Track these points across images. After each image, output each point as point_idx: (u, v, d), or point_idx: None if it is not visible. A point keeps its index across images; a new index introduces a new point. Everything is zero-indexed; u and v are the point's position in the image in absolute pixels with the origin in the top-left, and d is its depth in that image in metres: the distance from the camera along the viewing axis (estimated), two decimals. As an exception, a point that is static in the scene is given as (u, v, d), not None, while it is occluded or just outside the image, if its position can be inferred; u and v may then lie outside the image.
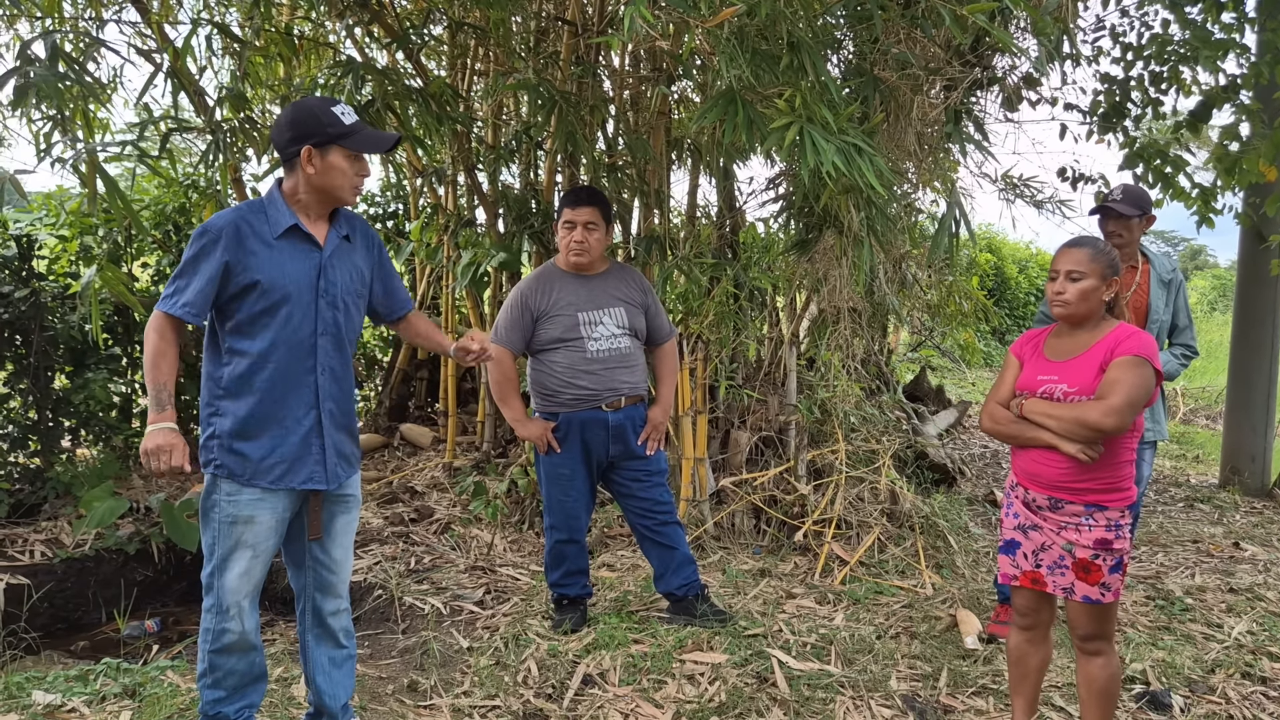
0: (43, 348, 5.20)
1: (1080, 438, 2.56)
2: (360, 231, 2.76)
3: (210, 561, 2.60)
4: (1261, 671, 3.55)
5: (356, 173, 2.61)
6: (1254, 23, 5.70)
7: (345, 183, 2.59)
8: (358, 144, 2.57)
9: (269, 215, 2.58)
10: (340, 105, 2.58)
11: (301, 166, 2.55)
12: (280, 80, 5.55)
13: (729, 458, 5.18)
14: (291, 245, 2.58)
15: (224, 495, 2.57)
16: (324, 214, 2.65)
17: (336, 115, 2.54)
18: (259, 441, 2.56)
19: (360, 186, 2.68)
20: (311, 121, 2.53)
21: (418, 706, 3.22)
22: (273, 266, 2.53)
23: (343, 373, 2.70)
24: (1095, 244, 2.69)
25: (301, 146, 2.53)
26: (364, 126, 2.61)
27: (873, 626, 3.89)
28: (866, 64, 3.81)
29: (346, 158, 2.57)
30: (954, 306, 6.65)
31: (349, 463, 2.75)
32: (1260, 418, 6.74)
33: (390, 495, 5.82)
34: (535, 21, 5.53)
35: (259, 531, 2.59)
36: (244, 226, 2.53)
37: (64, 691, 3.18)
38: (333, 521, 2.74)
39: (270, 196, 2.62)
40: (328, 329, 2.62)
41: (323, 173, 2.56)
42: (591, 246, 3.69)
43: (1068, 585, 2.66)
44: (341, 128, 2.54)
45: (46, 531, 4.86)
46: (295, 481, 2.60)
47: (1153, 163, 5.80)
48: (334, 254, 2.65)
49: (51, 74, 3.65)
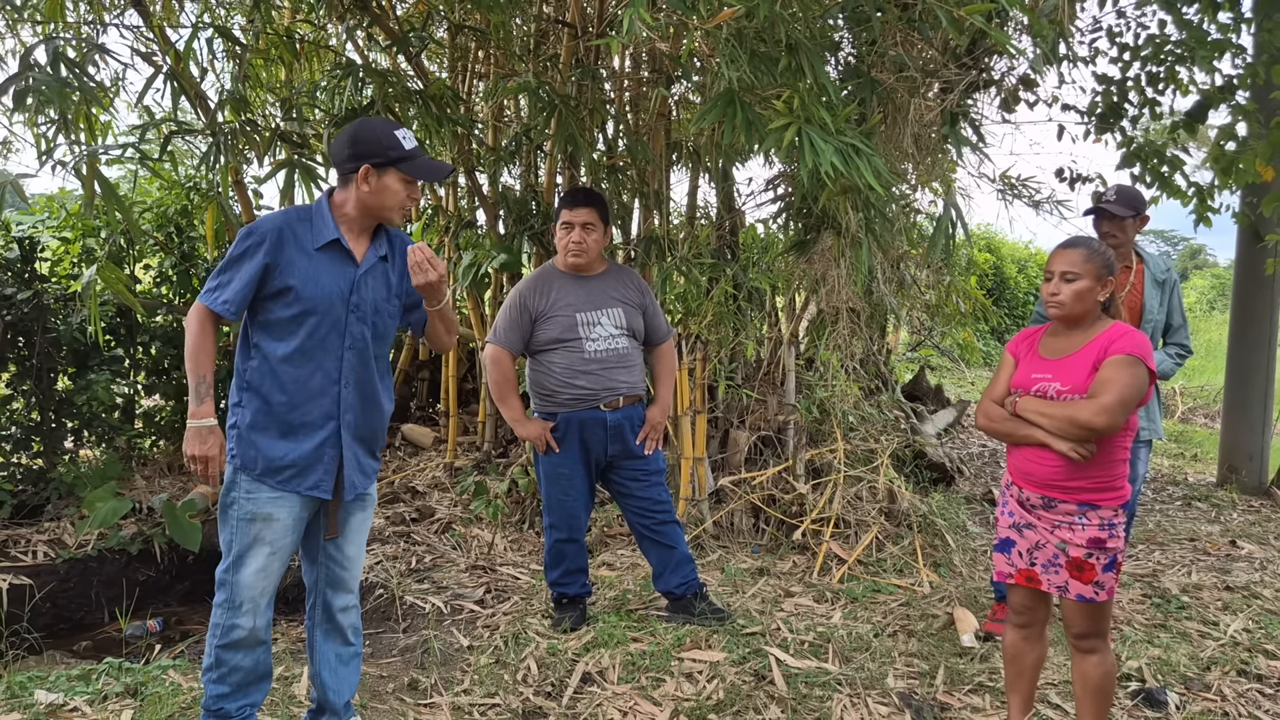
0: (45, 349, 5.23)
1: (1072, 436, 2.58)
2: (400, 251, 2.79)
3: (227, 557, 2.63)
4: (1257, 669, 3.57)
5: (408, 195, 2.68)
6: (1250, 23, 5.71)
7: (396, 204, 2.66)
8: (415, 169, 2.64)
9: (314, 225, 2.64)
10: (402, 130, 2.65)
11: (357, 183, 2.62)
12: (281, 83, 5.58)
13: (728, 457, 5.20)
14: (329, 258, 2.63)
15: (243, 492, 2.61)
16: (367, 230, 2.71)
17: (398, 139, 2.62)
18: (274, 441, 2.60)
19: (409, 210, 2.75)
20: (373, 142, 2.61)
21: (418, 705, 3.24)
22: (308, 276, 2.59)
23: (370, 388, 2.74)
24: (1090, 244, 2.70)
25: (361, 164, 2.60)
26: (423, 154, 2.68)
27: (870, 625, 3.91)
28: (864, 66, 3.83)
29: (402, 181, 2.64)
30: (952, 307, 6.67)
31: (366, 475, 2.79)
32: (1258, 416, 6.76)
33: (392, 495, 5.85)
34: (535, 24, 5.56)
35: (277, 529, 2.62)
36: (287, 232, 2.60)
37: (66, 691, 3.20)
38: (348, 520, 2.78)
39: (318, 207, 2.68)
40: (355, 343, 2.67)
41: (376, 192, 2.62)
42: (589, 247, 3.71)
43: (1062, 583, 2.68)
44: (402, 151, 2.62)
45: (49, 532, 4.89)
46: (302, 487, 2.63)
47: (1150, 163, 5.81)
48: (369, 271, 2.69)
49: (53, 79, 3.67)
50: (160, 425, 6.07)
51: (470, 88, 6.11)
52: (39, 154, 3.99)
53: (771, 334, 5.51)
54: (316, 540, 2.78)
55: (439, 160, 2.79)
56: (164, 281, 6.04)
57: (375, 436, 2.80)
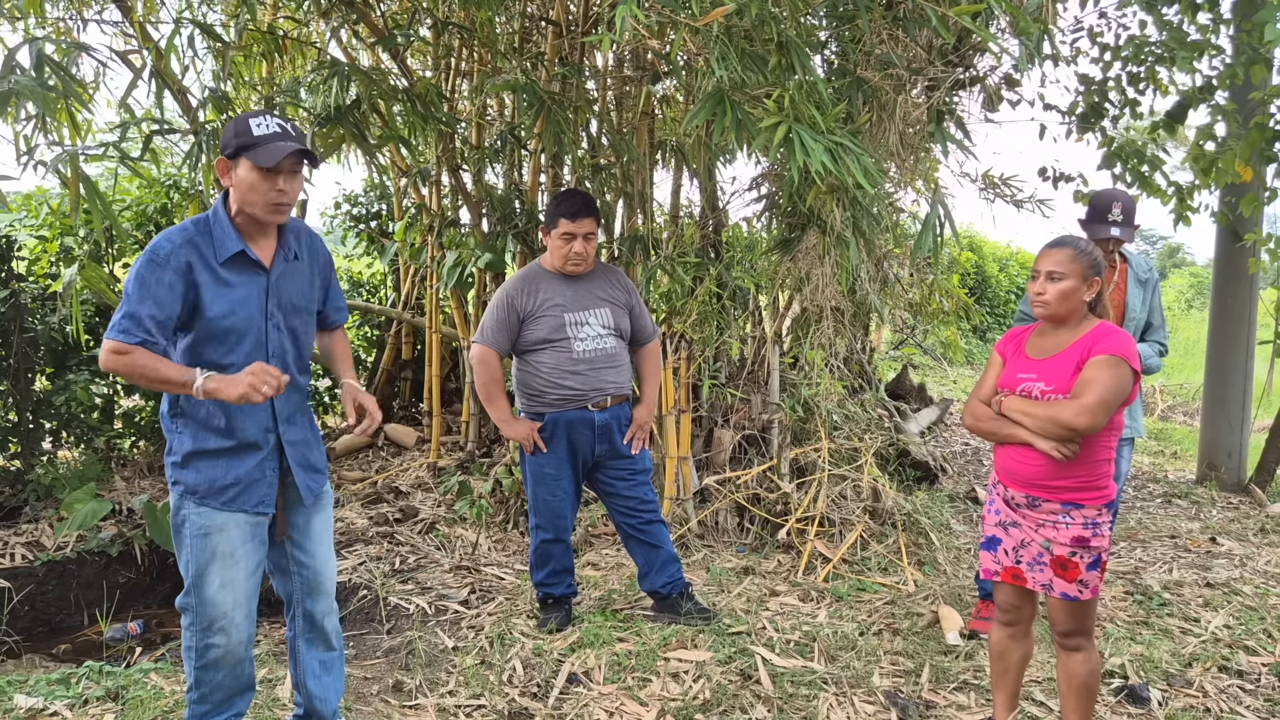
0: (23, 349, 5.17)
1: (1055, 436, 2.59)
2: (307, 246, 2.64)
3: (188, 578, 2.52)
4: (1238, 665, 3.61)
5: (270, 187, 2.39)
6: (1229, 24, 5.76)
7: (258, 200, 2.40)
8: (258, 156, 2.35)
9: (214, 237, 2.43)
10: (262, 116, 2.39)
11: (227, 183, 2.42)
12: (263, 80, 5.54)
13: (713, 456, 5.20)
14: (237, 272, 2.45)
15: (192, 510, 2.49)
16: (267, 231, 2.51)
17: (249, 125, 2.37)
18: (215, 461, 2.49)
19: (281, 205, 2.43)
20: (228, 133, 2.39)
21: (403, 706, 3.23)
22: (219, 297, 2.41)
23: (297, 387, 2.62)
24: (1077, 244, 2.71)
25: (219, 157, 2.42)
26: (279, 137, 2.38)
27: (855, 623, 3.92)
28: (850, 64, 3.84)
29: (254, 170, 2.37)
30: (935, 305, 6.70)
31: (318, 472, 2.70)
32: (1236, 414, 6.82)
33: (375, 495, 5.82)
34: (519, 21, 5.54)
35: (234, 539, 2.51)
36: (190, 253, 2.39)
37: (46, 695, 3.16)
38: (310, 523, 2.70)
39: (216, 215, 2.46)
40: (277, 352, 2.54)
41: (236, 187, 2.41)
42: (589, 256, 3.71)
43: (1047, 581, 2.69)
44: (249, 138, 2.35)
45: (27, 534, 4.84)
46: (248, 505, 2.52)
47: (1130, 162, 5.85)
48: (281, 276, 2.53)
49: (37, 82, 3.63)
50: (140, 425, 6.01)
51: (454, 86, 6.08)
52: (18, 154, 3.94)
53: (756, 333, 5.51)
54: (282, 550, 2.69)
55: (290, 140, 2.40)
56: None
57: (313, 432, 2.70)
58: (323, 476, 2.74)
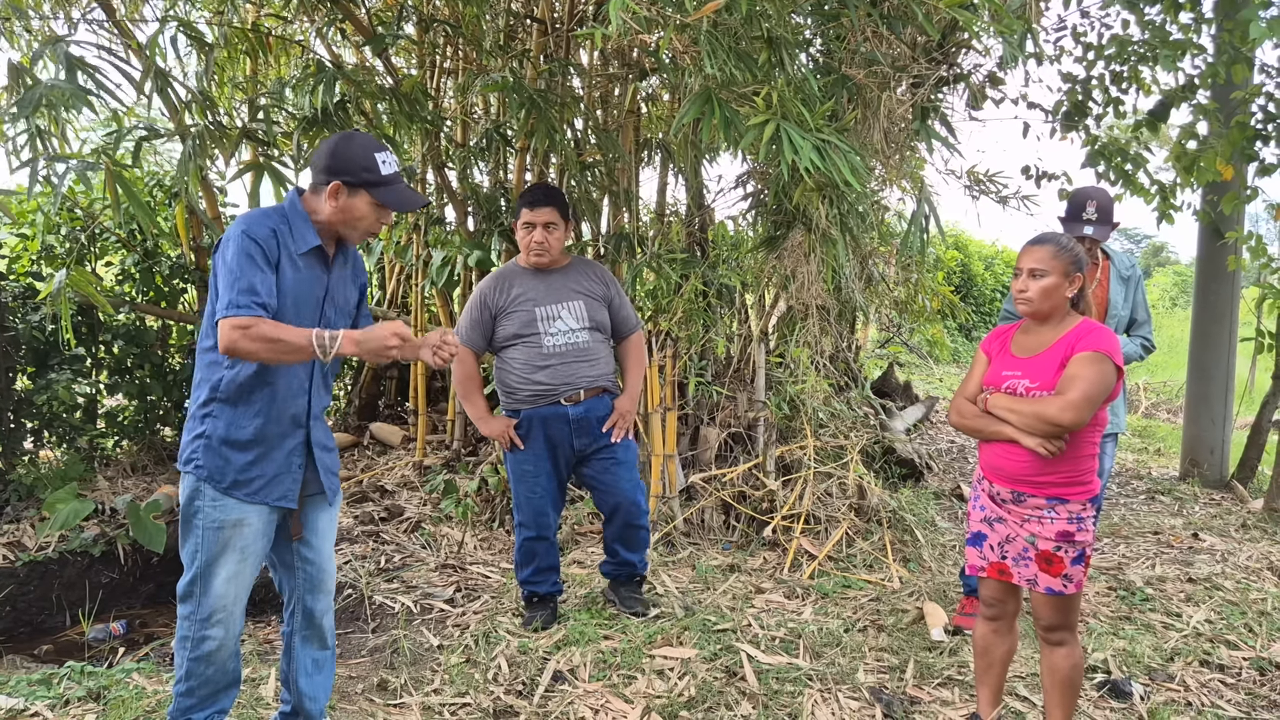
0: (4, 348, 5.12)
1: (1040, 432, 2.60)
2: (354, 261, 2.77)
3: (191, 568, 2.54)
4: (1219, 659, 3.63)
5: (377, 219, 2.59)
6: (1211, 23, 5.80)
7: (362, 227, 2.59)
8: (385, 197, 2.55)
9: (293, 228, 2.54)
10: (385, 154, 2.56)
11: (326, 196, 2.54)
12: (247, 79, 5.51)
13: (698, 454, 5.21)
14: (308, 266, 2.56)
15: (208, 501, 2.51)
16: (333, 237, 2.65)
17: (376, 162, 2.53)
18: (247, 452, 2.52)
19: (374, 234, 2.68)
20: (349, 160, 2.52)
21: (388, 705, 3.21)
22: (293, 282, 2.51)
23: (326, 391, 2.72)
24: (1059, 241, 2.72)
25: (332, 180, 2.52)
26: (400, 181, 2.59)
27: (841, 620, 3.92)
28: (835, 62, 3.84)
29: (371, 205, 2.55)
30: (919, 304, 6.72)
31: (333, 474, 2.77)
32: (1219, 411, 6.87)
33: (360, 494, 5.80)
34: (505, 19, 5.53)
35: (248, 534, 2.54)
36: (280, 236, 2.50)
37: (27, 695, 3.14)
38: (319, 519, 2.74)
39: (293, 209, 2.57)
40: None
41: (343, 210, 2.55)
42: (551, 246, 3.71)
43: (1031, 576, 2.71)
44: (377, 176, 2.53)
45: (9, 534, 4.79)
46: (270, 498, 2.56)
47: (1114, 160, 5.89)
48: (336, 279, 2.66)
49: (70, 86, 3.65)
50: (123, 425, 5.97)
51: (439, 85, 6.06)
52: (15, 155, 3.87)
53: (741, 331, 5.51)
54: (290, 547, 2.72)
55: (415, 192, 2.67)
56: (127, 279, 5.93)
57: (330, 437, 2.78)
58: (337, 478, 2.79)
